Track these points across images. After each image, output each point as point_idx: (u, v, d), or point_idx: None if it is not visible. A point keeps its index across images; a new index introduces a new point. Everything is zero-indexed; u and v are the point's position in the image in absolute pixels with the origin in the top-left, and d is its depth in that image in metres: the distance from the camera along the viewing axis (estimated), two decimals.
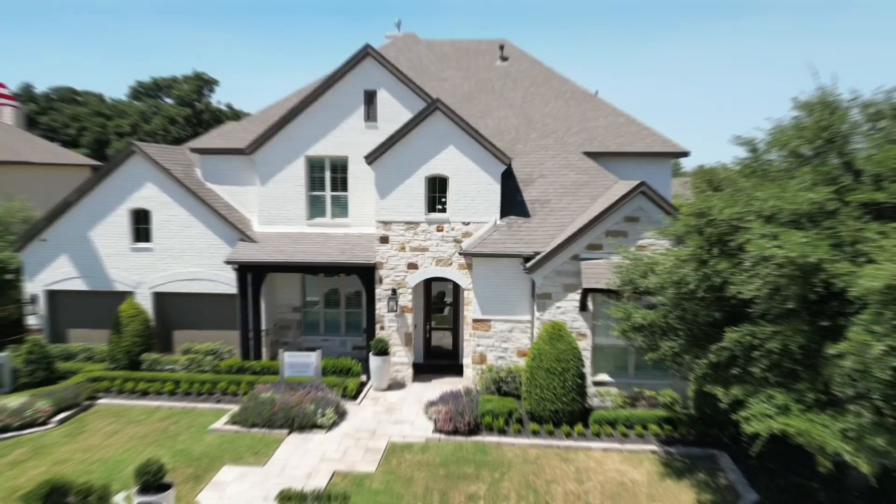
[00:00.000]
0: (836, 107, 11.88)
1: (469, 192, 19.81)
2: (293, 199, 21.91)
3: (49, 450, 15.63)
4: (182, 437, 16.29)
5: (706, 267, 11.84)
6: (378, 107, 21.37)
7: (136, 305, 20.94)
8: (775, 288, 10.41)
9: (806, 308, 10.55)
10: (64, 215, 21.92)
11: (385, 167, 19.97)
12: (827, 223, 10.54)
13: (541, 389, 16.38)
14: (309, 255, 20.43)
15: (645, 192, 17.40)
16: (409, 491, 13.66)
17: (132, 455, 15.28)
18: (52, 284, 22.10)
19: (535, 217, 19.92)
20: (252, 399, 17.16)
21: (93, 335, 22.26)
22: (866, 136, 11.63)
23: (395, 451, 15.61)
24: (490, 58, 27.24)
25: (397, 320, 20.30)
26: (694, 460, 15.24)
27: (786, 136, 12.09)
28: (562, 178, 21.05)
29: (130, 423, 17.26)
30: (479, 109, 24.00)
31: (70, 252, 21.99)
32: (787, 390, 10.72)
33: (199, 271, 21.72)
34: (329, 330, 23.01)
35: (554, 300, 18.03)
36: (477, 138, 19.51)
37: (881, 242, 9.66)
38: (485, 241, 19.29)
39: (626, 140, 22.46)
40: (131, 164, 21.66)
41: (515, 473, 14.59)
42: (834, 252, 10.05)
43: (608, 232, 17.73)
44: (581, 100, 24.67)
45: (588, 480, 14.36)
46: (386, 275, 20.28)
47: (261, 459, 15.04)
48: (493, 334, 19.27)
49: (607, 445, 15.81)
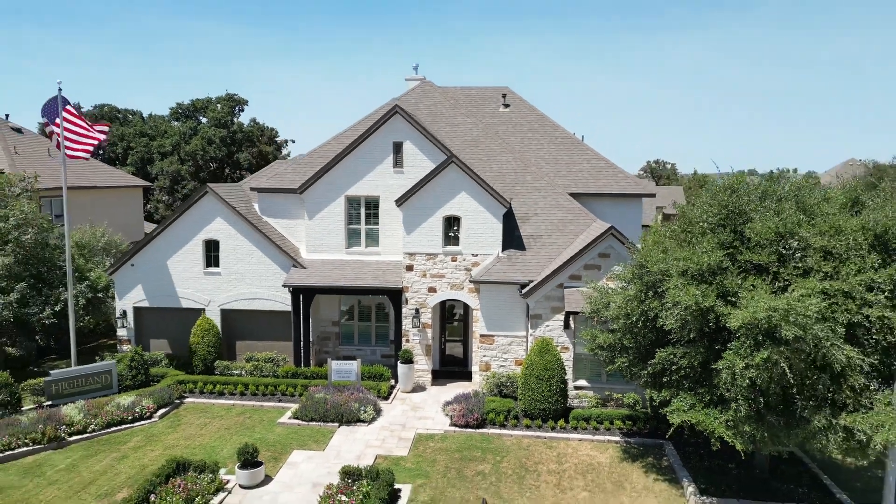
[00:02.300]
0: (737, 189, 16.59)
1: (477, 229, 24.60)
2: (334, 231, 26.73)
3: (158, 438, 20.65)
4: (257, 429, 21.25)
5: (644, 304, 16.59)
6: (404, 155, 26.07)
7: (209, 320, 25.93)
8: (684, 322, 15.16)
9: (703, 337, 15.28)
10: (148, 245, 26.89)
11: (410, 209, 24.79)
12: (719, 278, 15.24)
13: (532, 392, 21.15)
14: (349, 280, 25.28)
15: (614, 234, 22.10)
16: (434, 469, 18.55)
17: (222, 442, 20.27)
18: (138, 302, 27.11)
19: (529, 250, 24.69)
20: (309, 398, 22.09)
21: (170, 345, 27.30)
22: (755, 211, 16.29)
23: (421, 440, 20.50)
24: (494, 104, 31.95)
25: (419, 334, 25.17)
26: (647, 448, 20.01)
27: (701, 210, 16.81)
28: (551, 216, 25.78)
29: (215, 418, 22.26)
30: (485, 153, 28.69)
31: (153, 275, 26.98)
32: (693, 393, 15.51)
33: (259, 291, 26.66)
34: (361, 340, 27.84)
35: (543, 320, 22.82)
36: (483, 186, 24.28)
37: (746, 294, 14.38)
38: (490, 271, 24.10)
39: (605, 182, 27.16)
40: (204, 202, 26.56)
41: (512, 457, 19.41)
42: (719, 300, 14.79)
43: (586, 265, 22.45)
44: (569, 145, 29.36)
45: (566, 462, 19.17)
46: (410, 297, 25.12)
47: (321, 445, 19.98)
48: (495, 347, 24.12)
49: (582, 436, 20.58)
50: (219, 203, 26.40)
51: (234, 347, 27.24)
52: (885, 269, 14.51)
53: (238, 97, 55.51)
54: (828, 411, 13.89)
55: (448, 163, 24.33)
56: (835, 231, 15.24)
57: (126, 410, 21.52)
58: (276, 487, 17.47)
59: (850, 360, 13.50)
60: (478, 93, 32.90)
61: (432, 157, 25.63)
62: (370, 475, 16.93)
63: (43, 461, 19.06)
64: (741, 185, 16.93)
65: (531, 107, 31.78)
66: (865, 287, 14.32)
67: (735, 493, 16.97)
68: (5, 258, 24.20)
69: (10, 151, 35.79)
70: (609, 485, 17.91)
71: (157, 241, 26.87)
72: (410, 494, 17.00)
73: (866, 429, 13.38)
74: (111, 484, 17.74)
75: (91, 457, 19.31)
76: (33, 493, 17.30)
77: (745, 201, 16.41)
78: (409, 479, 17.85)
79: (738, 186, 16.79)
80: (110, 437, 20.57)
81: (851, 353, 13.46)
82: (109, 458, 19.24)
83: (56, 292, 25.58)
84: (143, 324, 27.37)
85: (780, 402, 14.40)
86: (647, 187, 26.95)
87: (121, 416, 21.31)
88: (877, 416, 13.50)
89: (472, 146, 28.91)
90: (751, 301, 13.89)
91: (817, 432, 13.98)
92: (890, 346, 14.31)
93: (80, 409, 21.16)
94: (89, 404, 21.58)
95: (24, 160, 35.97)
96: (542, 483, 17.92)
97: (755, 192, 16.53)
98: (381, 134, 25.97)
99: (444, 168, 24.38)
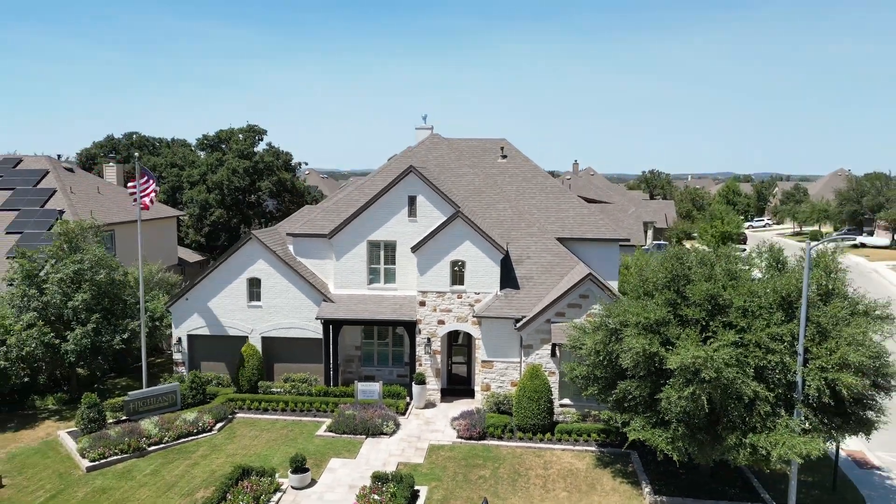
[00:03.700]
0: (682, 257, 21.34)
1: (479, 271, 29.36)
2: (358, 270, 31.50)
3: (220, 448, 25.44)
4: (299, 440, 26.03)
5: (608, 346, 21.35)
6: (417, 206, 30.80)
7: (253, 346, 30.73)
8: (637, 362, 19.90)
9: (650, 374, 20.03)
10: (201, 282, 31.68)
11: (423, 254, 29.57)
12: (663, 329, 19.98)
13: (525, 410, 25.88)
14: (371, 313, 30.05)
15: (591, 278, 26.85)
16: (445, 474, 23.33)
17: (272, 451, 25.06)
18: (191, 330, 31.93)
19: (523, 289, 29.46)
20: (340, 415, 26.87)
21: (217, 367, 32.12)
22: (694, 274, 21.02)
23: (433, 449, 25.27)
24: (493, 155, 36.75)
25: (430, 359, 29.96)
26: (616, 456, 24.77)
27: (653, 273, 21.58)
28: (542, 259, 30.55)
29: (263, 430, 27.05)
30: (486, 202, 33.45)
31: (204, 308, 31.78)
32: (644, 416, 20.28)
33: (294, 322, 31.45)
34: (380, 362, 32.61)
35: (534, 349, 27.58)
36: (484, 236, 29.02)
37: (682, 342, 19.11)
38: (490, 307, 28.87)
39: (587, 228, 31.93)
40: (248, 246, 31.34)
41: (507, 464, 24.18)
42: (662, 346, 19.54)
43: (569, 304, 27.18)
44: (557, 194, 34.13)
45: (551, 468, 23.92)
46: (423, 327, 29.90)
47: (352, 454, 24.77)
48: (494, 371, 28.89)
49: (565, 447, 25.35)
50: (261, 247, 31.18)
51: (273, 369, 32.02)
52: (787, 324, 19.24)
53: (258, 128, 60.37)
54: (739, 432, 18.65)
55: (455, 217, 29.10)
56: (750, 294, 19.97)
57: (191, 424, 26.31)
58: (321, 489, 22.27)
59: (756, 393, 18.25)
60: (479, 144, 37.69)
61: (441, 209, 30.38)
62: (395, 479, 21.70)
63: (131, 467, 23.88)
64: (685, 254, 21.65)
65: (525, 157, 36.56)
66: (770, 338, 19.04)
67: (681, 493, 21.74)
68: (83, 295, 28.95)
69: (66, 192, 40.63)
70: (584, 486, 22.67)
71: (208, 279, 31.65)
72: (427, 494, 21.78)
73: (766, 446, 18.12)
74: (190, 485, 22.55)
75: (169, 463, 24.13)
76: (129, 493, 22.10)
77: (686, 267, 21.14)
78: (425, 481, 22.62)
79: (683, 255, 21.51)
80: (181, 447, 25.38)
81: (757, 388, 18.20)
82: (184, 464, 24.05)
83: (123, 322, 30.36)
84: (196, 349, 32.17)
85: (706, 424, 19.16)
86: (621, 234, 31.74)
87: (188, 429, 26.11)
88: (776, 435, 18.22)
89: (475, 195, 33.68)
90: (683, 349, 18.63)
91: (731, 448, 18.74)
92: (790, 384, 19.03)
93: (155, 423, 25.96)
94: (161, 419, 26.38)
95: (79, 199, 40.80)
96: (531, 485, 22.68)
97: (695, 259, 21.26)
98: (398, 189, 30.73)
99: (452, 221, 29.15)
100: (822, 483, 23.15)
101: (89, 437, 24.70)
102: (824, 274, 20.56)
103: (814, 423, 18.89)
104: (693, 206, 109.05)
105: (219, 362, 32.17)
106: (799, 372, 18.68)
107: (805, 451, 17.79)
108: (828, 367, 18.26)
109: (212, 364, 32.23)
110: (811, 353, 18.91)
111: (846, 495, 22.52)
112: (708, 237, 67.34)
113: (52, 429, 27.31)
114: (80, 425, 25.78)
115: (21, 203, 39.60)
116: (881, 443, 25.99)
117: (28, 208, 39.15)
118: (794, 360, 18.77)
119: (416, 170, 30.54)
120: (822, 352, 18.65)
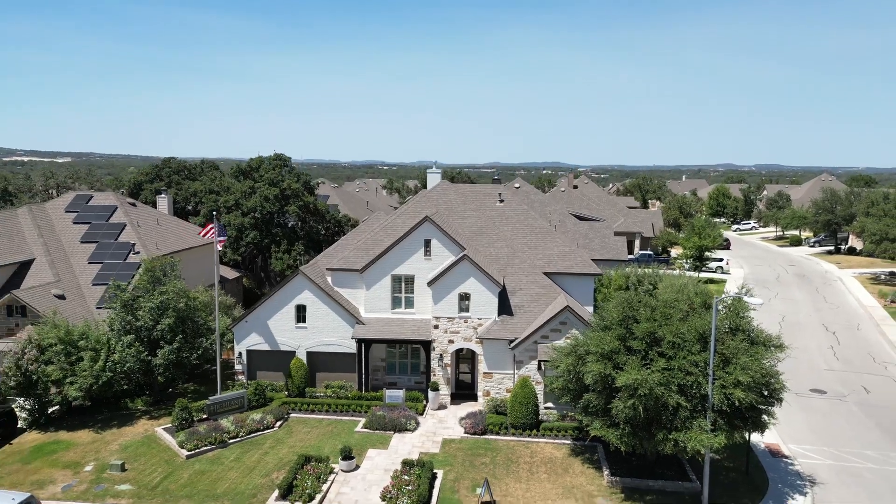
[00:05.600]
0: (631, 302, 28.99)
1: (481, 301, 37.01)
2: (383, 297, 39.15)
3: (283, 441, 33.16)
4: (342, 435, 33.74)
5: (577, 367, 28.99)
6: (432, 248, 38.43)
7: (300, 360, 38.42)
8: (596, 381, 27.54)
9: (605, 389, 27.65)
10: (256, 308, 39.37)
11: (437, 288, 37.24)
12: (615, 356, 27.62)
13: (517, 412, 33.56)
14: (395, 334, 37.75)
15: (569, 309, 34.53)
16: (455, 460, 31.06)
17: (322, 443, 32.77)
18: (250, 346, 39.64)
19: (516, 315, 37.15)
20: (373, 415, 34.58)
21: (270, 376, 39.84)
22: (640, 314, 28.62)
23: (446, 442, 33.00)
24: (493, 199, 44.37)
25: (442, 370, 37.67)
26: (586, 448, 32.47)
27: (609, 312, 29.24)
28: (531, 290, 38.22)
29: (313, 427, 34.78)
30: (486, 241, 41.06)
31: (260, 328, 39.47)
32: (602, 419, 28.01)
33: (332, 339, 39.14)
34: (401, 371, 40.26)
35: (524, 364, 35.29)
36: (485, 273, 36.64)
37: (628, 367, 26.74)
38: (490, 330, 36.57)
39: (569, 264, 39.59)
40: (296, 280, 38.99)
41: (503, 453, 31.89)
42: (614, 369, 27.20)
43: (551, 329, 34.83)
44: (544, 234, 41.75)
45: (536, 457, 31.64)
46: (436, 345, 37.58)
47: (385, 446, 32.51)
48: (493, 380, 36.60)
49: (547, 441, 33.05)
50: (306, 280, 38.86)
51: (315, 378, 39.72)
52: (702, 354, 26.88)
53: (284, 156, 68.08)
54: (666, 430, 26.33)
55: (462, 258, 36.75)
56: (677, 331, 27.61)
57: (258, 423, 34.05)
58: (363, 472, 30.00)
59: (679, 403, 25.90)
60: (482, 189, 45.39)
61: (451, 249, 38.02)
62: (419, 464, 29.40)
63: (218, 456, 31.61)
64: (636, 300, 29.27)
65: (518, 202, 44.20)
66: (690, 364, 26.67)
67: (630, 474, 29.46)
68: (168, 320, 36.66)
69: (134, 225, 48.32)
70: (560, 469, 30.40)
71: (263, 305, 39.34)
72: (443, 475, 29.52)
73: (684, 440, 25.78)
74: (266, 469, 30.29)
75: (246, 453, 31.87)
76: (222, 474, 29.85)
77: (633, 310, 28.74)
78: (441, 466, 30.35)
79: (633, 300, 29.14)
80: (253, 440, 33.13)
81: (679, 400, 25.83)
82: (258, 453, 31.79)
83: (198, 341, 38.07)
84: (253, 361, 39.89)
85: (644, 425, 26.86)
86: (597, 270, 39.45)
87: (256, 426, 33.85)
88: (691, 433, 25.85)
89: (478, 235, 41.33)
90: (627, 372, 26.28)
91: (660, 442, 26.44)
92: (703, 396, 26.66)
93: (231, 421, 33.69)
94: (236, 418, 34.11)
95: (144, 231, 48.48)
96: (521, 469, 30.41)
97: (643, 301, 28.89)
98: (416, 234, 38.35)
99: (460, 262, 36.80)
100: (739, 468, 30.84)
101: (185, 433, 32.43)
102: (734, 315, 28.24)
103: (720, 424, 26.52)
104: (680, 213, 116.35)
105: (272, 372, 39.87)
106: (710, 388, 26.28)
107: (710, 444, 25.46)
108: (727, 385, 25.91)
109: (266, 373, 39.93)
110: (717, 375, 26.55)
111: (755, 477, 30.22)
112: (685, 252, 74.70)
113: (148, 426, 35.03)
114: (174, 423, 33.52)
115: (98, 236, 47.32)
116: (794, 438, 33.76)
117: (105, 241, 46.87)
118: (706, 380, 26.40)
119: (430, 219, 38.16)
120: (723, 374, 26.31)
